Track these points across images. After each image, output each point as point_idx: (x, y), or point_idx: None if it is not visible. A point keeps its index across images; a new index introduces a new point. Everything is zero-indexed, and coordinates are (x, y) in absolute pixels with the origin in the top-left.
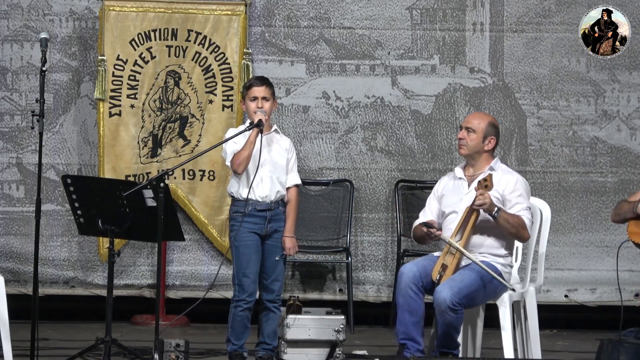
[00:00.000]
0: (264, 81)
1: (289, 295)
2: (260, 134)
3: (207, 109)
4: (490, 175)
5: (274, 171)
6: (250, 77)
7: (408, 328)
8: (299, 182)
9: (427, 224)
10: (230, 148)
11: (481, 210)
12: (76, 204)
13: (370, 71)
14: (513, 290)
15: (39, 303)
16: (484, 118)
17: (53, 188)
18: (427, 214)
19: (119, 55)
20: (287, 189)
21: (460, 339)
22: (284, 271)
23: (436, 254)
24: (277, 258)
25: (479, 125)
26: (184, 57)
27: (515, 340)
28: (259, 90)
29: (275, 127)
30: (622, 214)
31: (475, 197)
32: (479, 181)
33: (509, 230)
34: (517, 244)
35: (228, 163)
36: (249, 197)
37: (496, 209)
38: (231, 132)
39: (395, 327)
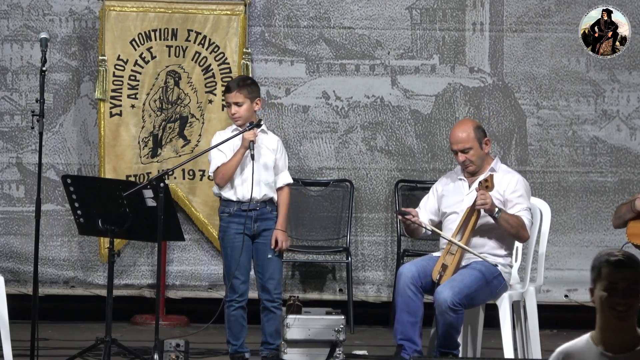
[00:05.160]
0: (236, 84)
1: (289, 295)
2: (249, 148)
3: (207, 109)
4: (491, 175)
5: (259, 173)
6: (250, 76)
7: (406, 328)
8: (290, 180)
9: (401, 212)
10: (216, 158)
11: (482, 211)
12: (76, 204)
13: (370, 71)
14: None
15: (39, 303)
16: (467, 129)
17: (53, 188)
18: (420, 211)
19: (119, 55)
20: (279, 189)
21: (460, 339)
22: (279, 269)
23: (435, 254)
24: (269, 256)
25: (469, 137)
26: (183, 57)
27: (515, 340)
28: (229, 97)
29: (262, 126)
30: (622, 215)
31: (477, 197)
32: (480, 182)
33: (508, 231)
34: (517, 244)
35: (211, 173)
36: (234, 197)
37: (497, 209)
38: (219, 135)
39: (393, 327)
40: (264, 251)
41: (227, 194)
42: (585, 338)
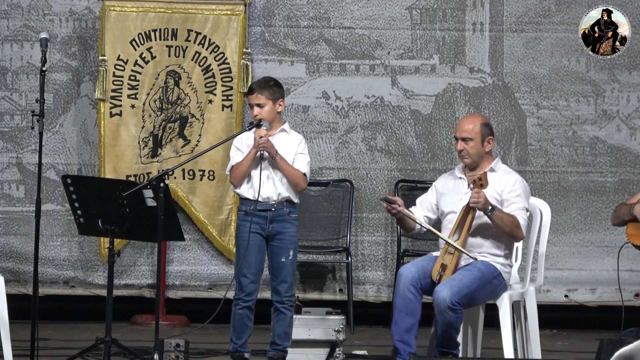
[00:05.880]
0: (258, 86)
1: None
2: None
3: (206, 109)
4: (485, 173)
5: (276, 172)
6: (250, 77)
7: (403, 330)
8: (304, 170)
9: (387, 199)
10: (233, 158)
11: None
12: (76, 204)
13: (370, 71)
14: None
15: (39, 303)
16: (475, 121)
17: (53, 188)
18: (417, 209)
19: (119, 56)
20: None
21: (460, 339)
22: (292, 273)
23: (435, 253)
24: (282, 260)
25: (474, 130)
26: (183, 57)
27: (515, 340)
28: (251, 98)
29: (284, 126)
30: (620, 216)
31: (470, 195)
32: (474, 180)
33: (502, 229)
34: (517, 244)
35: (227, 172)
36: (251, 196)
37: (490, 207)
38: (241, 135)
39: (391, 328)
40: (278, 254)
41: (243, 192)
42: None
